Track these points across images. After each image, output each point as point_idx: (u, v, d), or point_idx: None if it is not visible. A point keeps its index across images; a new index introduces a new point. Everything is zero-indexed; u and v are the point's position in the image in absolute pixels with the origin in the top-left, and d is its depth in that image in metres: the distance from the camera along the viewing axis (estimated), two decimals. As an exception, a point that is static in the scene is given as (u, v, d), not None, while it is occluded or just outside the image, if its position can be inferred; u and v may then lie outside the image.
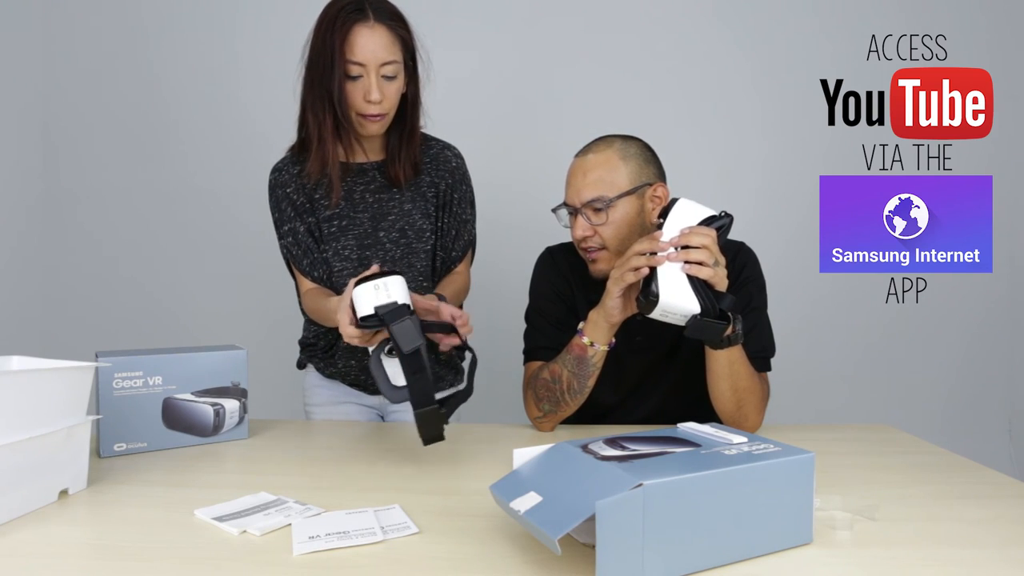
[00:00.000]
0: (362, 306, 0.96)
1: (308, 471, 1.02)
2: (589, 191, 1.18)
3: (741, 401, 1.14)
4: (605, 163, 1.19)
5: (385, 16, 1.16)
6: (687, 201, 1.08)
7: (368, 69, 1.15)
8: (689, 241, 1.02)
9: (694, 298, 1.01)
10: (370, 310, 0.95)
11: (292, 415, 1.45)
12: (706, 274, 1.01)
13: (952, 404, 2.47)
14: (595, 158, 1.20)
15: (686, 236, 1.02)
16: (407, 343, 0.92)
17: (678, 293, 1.01)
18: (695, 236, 1.02)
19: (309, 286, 1.31)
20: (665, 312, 1.02)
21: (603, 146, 1.21)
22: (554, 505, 0.64)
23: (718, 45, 2.42)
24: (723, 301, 1.02)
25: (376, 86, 1.16)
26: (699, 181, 2.27)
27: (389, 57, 1.16)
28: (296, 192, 1.29)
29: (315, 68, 1.18)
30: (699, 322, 1.01)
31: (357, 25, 1.14)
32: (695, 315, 1.01)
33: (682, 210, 1.07)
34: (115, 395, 1.07)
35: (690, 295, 1.01)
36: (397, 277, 0.97)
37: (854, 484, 0.92)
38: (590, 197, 1.17)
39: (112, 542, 0.76)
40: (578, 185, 1.19)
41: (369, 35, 1.14)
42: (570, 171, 1.23)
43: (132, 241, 2.49)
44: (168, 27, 2.45)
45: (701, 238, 1.02)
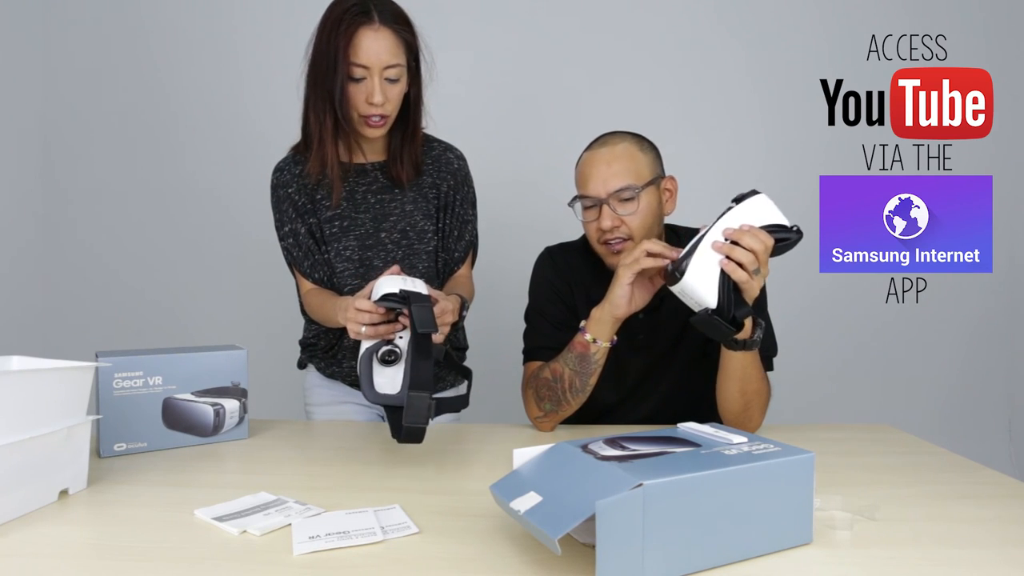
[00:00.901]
0: (385, 288, 0.98)
1: (308, 471, 1.02)
2: (617, 180, 1.16)
3: (748, 403, 1.14)
4: (627, 154, 1.18)
5: (390, 19, 1.16)
6: (765, 198, 1.05)
7: (371, 72, 1.15)
8: (740, 239, 0.99)
9: (715, 293, 0.99)
10: (394, 290, 0.97)
11: (292, 415, 1.45)
12: (740, 277, 0.99)
13: (952, 404, 2.47)
14: (617, 149, 1.19)
15: (742, 233, 1.00)
16: (423, 325, 0.94)
17: (704, 281, 0.99)
18: (750, 237, 0.99)
19: (310, 287, 1.31)
20: (683, 293, 1.01)
21: (618, 139, 1.20)
22: (554, 505, 0.64)
23: (718, 45, 2.42)
24: (740, 309, 1.00)
25: (379, 89, 1.16)
26: (699, 181, 2.26)
27: (393, 60, 1.16)
28: (298, 192, 1.29)
29: (318, 68, 1.17)
30: (708, 317, 1.00)
31: (362, 28, 1.13)
32: (708, 309, 0.99)
33: (755, 205, 1.04)
34: (115, 395, 1.07)
35: (713, 289, 0.99)
36: (420, 280, 1.02)
37: (854, 484, 0.92)
38: (619, 186, 1.16)
39: (112, 542, 0.76)
40: (604, 175, 1.17)
41: (374, 38, 1.14)
42: (588, 163, 1.20)
43: (133, 241, 2.49)
44: (168, 28, 2.45)
45: (754, 242, 0.99)
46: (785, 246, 1.03)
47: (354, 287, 1.28)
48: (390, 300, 0.96)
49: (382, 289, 0.99)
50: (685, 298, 1.02)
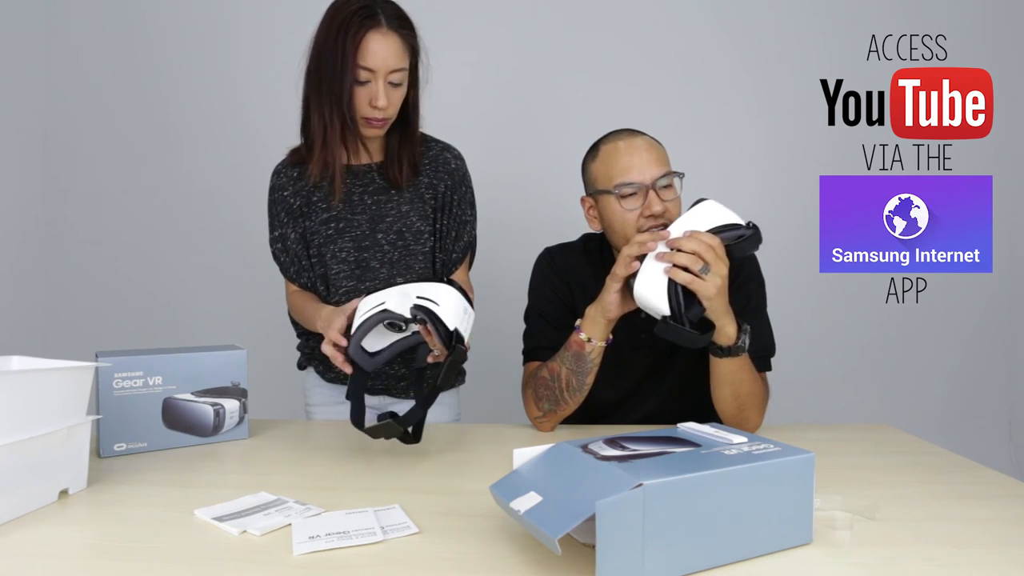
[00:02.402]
0: (370, 304, 1.02)
1: (308, 471, 1.02)
2: (660, 167, 1.16)
3: (743, 406, 1.14)
4: (657, 145, 1.19)
5: (396, 23, 1.16)
6: (711, 203, 1.07)
7: (377, 75, 1.15)
8: (680, 245, 1.01)
9: (665, 300, 1.01)
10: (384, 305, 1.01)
11: (292, 415, 1.45)
12: (684, 279, 1.00)
13: (952, 404, 2.47)
14: (648, 139, 1.20)
15: (681, 239, 1.02)
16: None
17: (652, 290, 1.01)
18: (689, 241, 1.01)
19: (294, 289, 1.34)
20: (641, 304, 1.03)
21: (639, 132, 1.21)
22: (554, 505, 0.64)
23: (718, 45, 2.41)
24: (692, 310, 1.01)
25: (383, 92, 1.16)
26: (699, 181, 2.26)
27: (399, 65, 1.16)
28: (293, 196, 1.29)
29: (323, 70, 1.17)
30: (666, 325, 1.02)
31: (371, 32, 1.13)
32: (664, 316, 1.01)
33: (701, 211, 1.06)
34: (115, 395, 1.07)
35: (662, 296, 1.01)
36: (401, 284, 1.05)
37: (854, 484, 0.92)
38: (662, 172, 1.15)
39: (112, 542, 0.76)
40: (647, 161, 1.16)
41: (382, 42, 1.14)
42: (626, 151, 1.17)
43: (132, 241, 2.49)
44: (168, 28, 2.44)
45: (694, 244, 1.01)
46: (744, 242, 1.04)
47: (349, 288, 1.28)
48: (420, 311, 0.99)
49: (365, 308, 1.02)
50: (648, 311, 1.04)
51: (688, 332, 1.01)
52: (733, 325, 1.08)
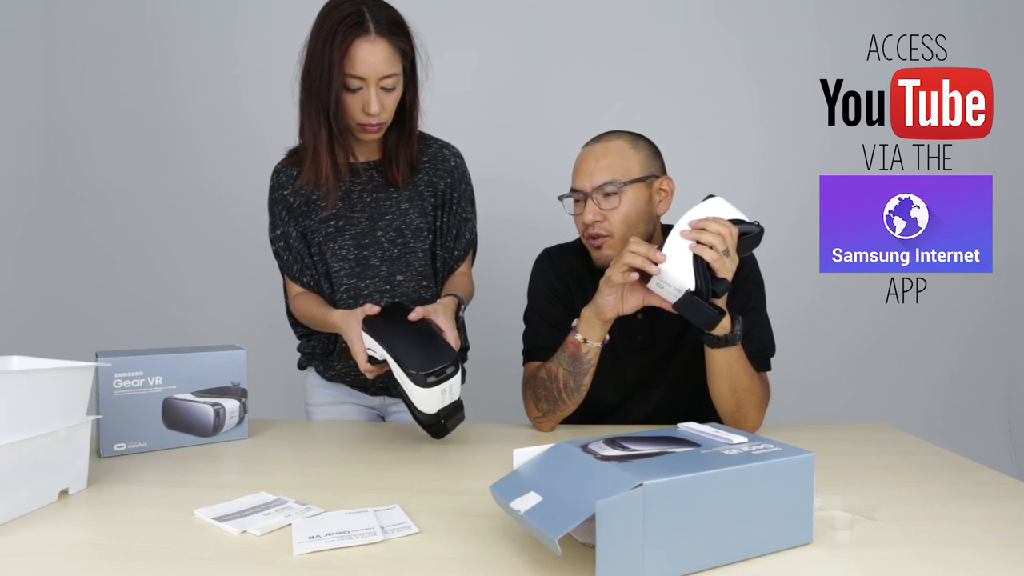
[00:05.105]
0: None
1: (308, 471, 1.02)
2: (601, 175, 1.18)
3: (741, 402, 1.14)
4: (617, 150, 1.20)
5: (385, 28, 1.14)
6: (720, 200, 1.09)
7: (368, 82, 1.14)
8: (706, 226, 1.03)
9: (692, 274, 1.03)
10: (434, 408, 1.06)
11: (292, 415, 1.45)
12: (710, 256, 1.02)
13: (952, 404, 2.47)
14: (607, 145, 1.21)
15: (705, 221, 1.04)
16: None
17: (679, 265, 1.03)
18: (715, 223, 1.03)
19: (298, 290, 1.32)
20: (661, 282, 1.04)
21: (613, 136, 1.23)
22: (554, 505, 0.64)
23: (718, 45, 2.42)
24: (719, 285, 1.04)
25: (375, 99, 1.15)
26: (699, 181, 2.26)
27: (390, 71, 1.15)
28: (293, 195, 1.29)
29: (312, 79, 1.16)
30: (691, 299, 1.03)
31: (358, 40, 1.12)
32: (688, 291, 1.03)
33: (711, 206, 1.09)
34: (115, 395, 1.07)
35: (689, 270, 1.03)
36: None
37: (854, 484, 0.92)
38: (602, 180, 1.18)
39: (112, 542, 0.76)
40: (590, 169, 1.20)
41: (370, 50, 1.13)
42: (580, 158, 1.24)
43: (132, 241, 2.49)
44: (167, 29, 2.44)
45: (720, 227, 1.03)
46: (749, 239, 1.07)
47: (349, 287, 1.28)
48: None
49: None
50: (663, 289, 1.05)
51: (709, 308, 1.03)
52: (727, 315, 1.09)
